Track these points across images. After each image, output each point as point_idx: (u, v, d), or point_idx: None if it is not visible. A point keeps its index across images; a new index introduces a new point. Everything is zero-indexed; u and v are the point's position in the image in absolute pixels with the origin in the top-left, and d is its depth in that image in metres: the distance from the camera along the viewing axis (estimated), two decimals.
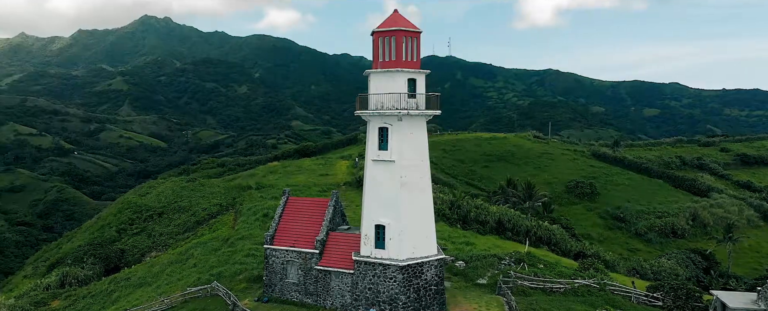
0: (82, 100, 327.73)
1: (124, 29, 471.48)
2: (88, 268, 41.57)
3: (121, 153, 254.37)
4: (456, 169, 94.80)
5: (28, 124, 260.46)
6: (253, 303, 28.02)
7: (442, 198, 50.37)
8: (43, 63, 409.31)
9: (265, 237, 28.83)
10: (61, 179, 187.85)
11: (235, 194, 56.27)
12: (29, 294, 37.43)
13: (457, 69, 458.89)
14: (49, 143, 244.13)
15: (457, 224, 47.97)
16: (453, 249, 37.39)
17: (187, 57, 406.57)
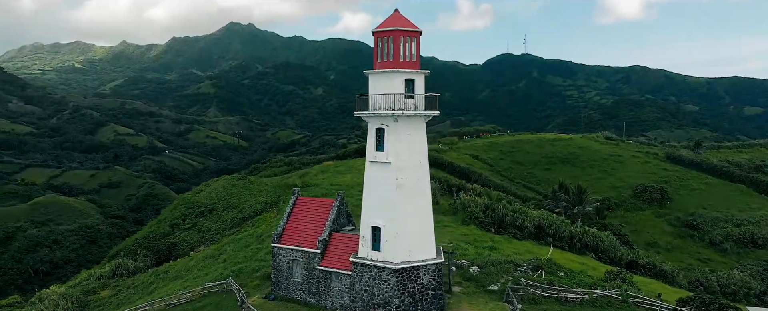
0: (174, 102, 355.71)
1: (212, 36, 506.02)
2: (140, 260, 45.40)
3: (206, 152, 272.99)
4: (513, 171, 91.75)
5: (127, 125, 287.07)
6: (260, 301, 29.11)
7: (476, 201, 49.05)
8: (142, 69, 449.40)
9: (273, 235, 29.86)
10: (152, 176, 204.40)
11: (280, 192, 58.55)
12: (82, 283, 41.69)
13: (534, 67, 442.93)
14: (144, 143, 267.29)
15: (491, 229, 46.50)
16: (473, 254, 36.36)
17: (268, 61, 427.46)
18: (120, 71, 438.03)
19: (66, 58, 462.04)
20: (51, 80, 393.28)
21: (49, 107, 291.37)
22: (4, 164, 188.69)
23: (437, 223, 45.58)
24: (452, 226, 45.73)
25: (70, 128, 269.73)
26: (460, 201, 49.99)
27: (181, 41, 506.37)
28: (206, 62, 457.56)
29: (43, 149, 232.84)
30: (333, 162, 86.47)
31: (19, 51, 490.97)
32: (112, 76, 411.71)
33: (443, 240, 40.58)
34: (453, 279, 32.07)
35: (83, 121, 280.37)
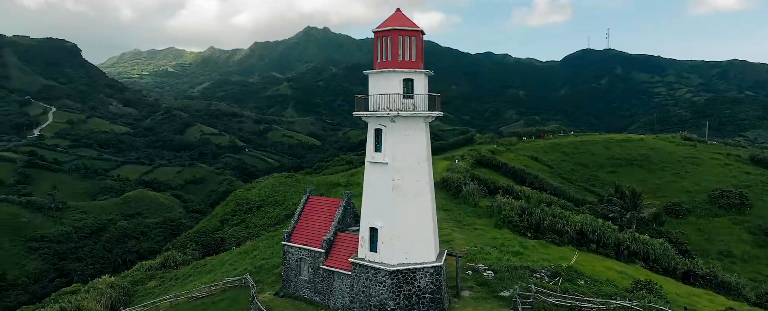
0: (255, 103, 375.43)
1: (291, 40, 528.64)
2: (189, 253, 48.60)
3: (283, 150, 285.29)
4: (575, 174, 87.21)
5: (211, 125, 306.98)
6: (270, 297, 30.17)
7: (512, 204, 47.22)
8: (227, 72, 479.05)
9: (284, 234, 30.81)
10: (232, 173, 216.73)
11: (324, 190, 60.01)
12: (133, 274, 45.40)
13: (617, 63, 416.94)
14: (227, 142, 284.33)
15: (526, 233, 44.56)
16: (494, 258, 35.13)
17: (341, 63, 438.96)
18: (207, 75, 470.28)
19: (161, 63, 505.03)
20: (147, 83, 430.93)
21: (144, 108, 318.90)
22: (104, 161, 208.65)
23: (468, 225, 44.90)
24: (484, 229, 44.51)
25: (161, 128, 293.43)
26: (496, 204, 48.45)
27: (263, 46, 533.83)
28: (285, 65, 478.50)
29: (138, 147, 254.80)
30: None
31: (120, 57, 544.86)
32: (200, 79, 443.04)
33: (470, 243, 39.72)
34: (464, 283, 31.32)
35: (173, 121, 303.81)
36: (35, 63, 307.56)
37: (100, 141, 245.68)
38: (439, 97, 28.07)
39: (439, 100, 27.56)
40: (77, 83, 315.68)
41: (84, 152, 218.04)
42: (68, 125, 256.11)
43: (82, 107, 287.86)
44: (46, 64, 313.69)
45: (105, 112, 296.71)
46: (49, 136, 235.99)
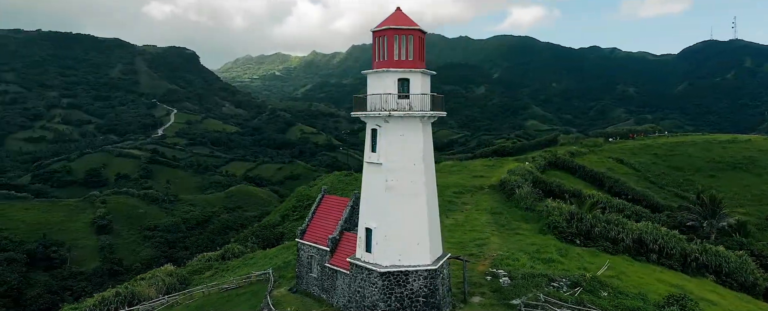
0: (350, 104, 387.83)
1: None
2: (248, 246, 51.88)
3: None
4: (666, 178, 79.17)
5: (311, 124, 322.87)
6: (284, 292, 31.39)
7: (561, 209, 44.05)
8: (327, 74, 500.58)
9: (298, 231, 31.85)
10: (326, 170, 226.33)
11: None
12: (193, 264, 49.46)
13: (746, 55, 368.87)
14: (324, 140, 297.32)
15: (575, 240, 41.35)
16: (520, 264, 33.17)
17: (434, 63, 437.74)
18: (310, 77, 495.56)
19: (269, 68, 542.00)
20: (257, 86, 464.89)
21: (252, 109, 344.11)
22: (215, 158, 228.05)
23: (511, 229, 42.87)
24: (526, 234, 42.25)
25: (267, 127, 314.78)
26: (545, 209, 45.64)
27: (359, 48, 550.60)
28: None
29: (245, 145, 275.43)
30: (452, 162, 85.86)
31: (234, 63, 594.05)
32: (303, 81, 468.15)
33: (504, 247, 37.99)
34: (477, 289, 30.17)
35: (277, 121, 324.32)
36: (161, 69, 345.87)
37: (212, 140, 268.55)
38: (442, 97, 27.41)
39: (440, 100, 26.88)
40: (195, 87, 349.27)
41: (198, 150, 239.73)
42: (186, 125, 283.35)
43: (199, 108, 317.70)
44: (169, 70, 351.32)
45: (218, 113, 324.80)
46: (170, 135, 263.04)
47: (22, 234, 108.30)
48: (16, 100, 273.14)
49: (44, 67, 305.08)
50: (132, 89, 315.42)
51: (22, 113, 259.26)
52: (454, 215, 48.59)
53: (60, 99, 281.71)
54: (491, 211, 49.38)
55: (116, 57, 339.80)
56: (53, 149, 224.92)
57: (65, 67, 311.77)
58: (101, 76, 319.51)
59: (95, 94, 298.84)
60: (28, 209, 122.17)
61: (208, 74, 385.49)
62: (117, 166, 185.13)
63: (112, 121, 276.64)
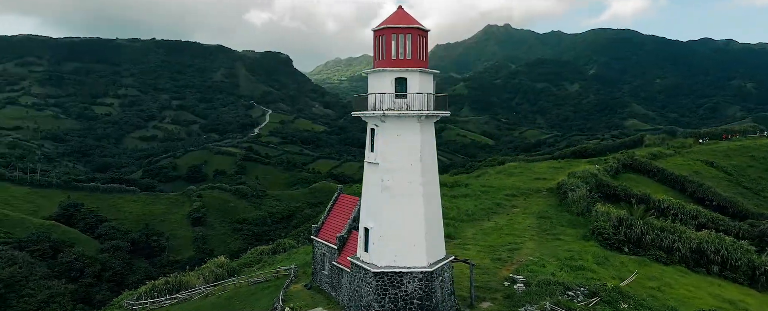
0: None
1: (470, 40, 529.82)
2: (300, 241, 53.81)
3: (455, 149, 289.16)
4: (762, 183, 69.91)
5: None
6: (300, 288, 32.30)
7: (609, 214, 40.54)
8: None
9: (313, 228, 32.62)
10: None
11: None
12: (246, 257, 52.21)
13: None
14: None
15: (622, 248, 37.94)
16: (545, 271, 31.20)
17: (522, 60, 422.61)
18: None
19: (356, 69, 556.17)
20: (345, 87, 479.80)
21: (339, 109, 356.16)
22: (303, 156, 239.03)
23: (553, 234, 40.63)
24: (567, 240, 39.68)
25: (352, 127, 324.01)
26: (594, 213, 42.44)
27: (443, 48, 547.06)
28: (464, 65, 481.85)
29: (332, 144, 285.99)
30: (516, 163, 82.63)
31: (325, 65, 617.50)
32: None
33: (536, 253, 36.12)
34: (488, 294, 29.03)
35: (361, 121, 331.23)
36: (258, 73, 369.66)
37: (302, 138, 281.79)
38: (444, 97, 26.73)
39: (443, 100, 26.25)
40: (289, 89, 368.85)
41: (289, 148, 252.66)
42: (280, 125, 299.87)
43: (291, 109, 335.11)
44: (266, 73, 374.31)
45: (309, 113, 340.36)
46: (264, 134, 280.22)
47: (128, 224, 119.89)
48: (133, 102, 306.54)
49: (158, 72, 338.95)
50: (232, 92, 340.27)
51: (138, 114, 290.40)
52: (496, 218, 46.97)
53: (170, 101, 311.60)
54: (539, 215, 47.04)
55: (219, 62, 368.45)
56: (163, 147, 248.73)
57: (175, 72, 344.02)
58: (206, 79, 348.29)
59: (200, 96, 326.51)
60: (135, 202, 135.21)
61: (300, 77, 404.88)
62: (216, 163, 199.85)
63: (214, 121, 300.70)
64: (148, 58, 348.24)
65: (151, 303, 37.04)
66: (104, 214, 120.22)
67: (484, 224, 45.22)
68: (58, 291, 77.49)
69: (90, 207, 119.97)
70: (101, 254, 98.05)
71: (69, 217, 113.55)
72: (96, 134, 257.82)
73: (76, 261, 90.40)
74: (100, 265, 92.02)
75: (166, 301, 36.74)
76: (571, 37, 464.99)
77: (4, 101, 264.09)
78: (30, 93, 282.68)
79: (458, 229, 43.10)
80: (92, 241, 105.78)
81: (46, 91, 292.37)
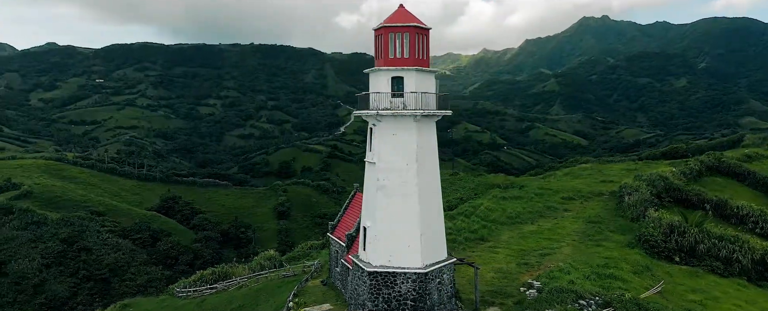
0: (521, 101, 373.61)
1: (564, 34, 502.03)
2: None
3: (543, 149, 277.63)
4: None
5: (476, 123, 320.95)
6: (316, 284, 33.10)
7: (661, 221, 36.57)
8: (497, 72, 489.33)
9: (330, 226, 33.24)
10: (486, 169, 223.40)
11: (479, 189, 58.22)
12: (296, 251, 53.84)
13: None
14: (487, 139, 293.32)
15: (673, 257, 34.15)
16: (565, 278, 29.09)
17: (621, 53, 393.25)
18: (479, 75, 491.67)
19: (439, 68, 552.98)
20: None
21: None
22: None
23: (594, 239, 38.04)
24: (609, 246, 36.73)
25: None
26: (646, 219, 38.72)
27: (533, 43, 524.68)
28: (556, 61, 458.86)
29: None
30: (590, 165, 77.56)
31: None
32: (473, 80, 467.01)
33: (569, 258, 33.96)
34: (499, 299, 27.91)
35: (442, 120, 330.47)
36: (344, 74, 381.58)
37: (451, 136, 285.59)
38: (444, 96, 26.15)
39: (443, 99, 25.77)
40: None
41: None
42: (362, 123, 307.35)
43: None
44: (351, 74, 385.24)
45: None
46: (349, 133, 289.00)
47: (219, 216, 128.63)
48: (233, 103, 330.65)
49: (255, 74, 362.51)
50: (321, 92, 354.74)
51: (237, 114, 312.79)
52: (541, 222, 44.68)
53: (266, 102, 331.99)
54: (589, 220, 44.01)
55: (310, 64, 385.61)
56: (258, 145, 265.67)
57: (271, 74, 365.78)
58: (298, 81, 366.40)
59: (293, 97, 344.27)
60: (228, 195, 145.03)
61: None
62: (303, 159, 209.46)
63: (305, 120, 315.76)
64: (247, 62, 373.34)
65: (194, 291, 40.07)
66: (199, 206, 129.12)
67: (526, 227, 43.27)
68: (155, 277, 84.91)
69: (186, 200, 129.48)
70: (194, 244, 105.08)
71: (168, 209, 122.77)
72: (200, 132, 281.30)
73: (171, 249, 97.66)
74: (192, 254, 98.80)
75: (207, 290, 39.58)
76: (678, 28, 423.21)
77: (124, 103, 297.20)
78: (145, 95, 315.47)
79: (494, 232, 41.69)
80: (187, 231, 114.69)
81: (158, 93, 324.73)
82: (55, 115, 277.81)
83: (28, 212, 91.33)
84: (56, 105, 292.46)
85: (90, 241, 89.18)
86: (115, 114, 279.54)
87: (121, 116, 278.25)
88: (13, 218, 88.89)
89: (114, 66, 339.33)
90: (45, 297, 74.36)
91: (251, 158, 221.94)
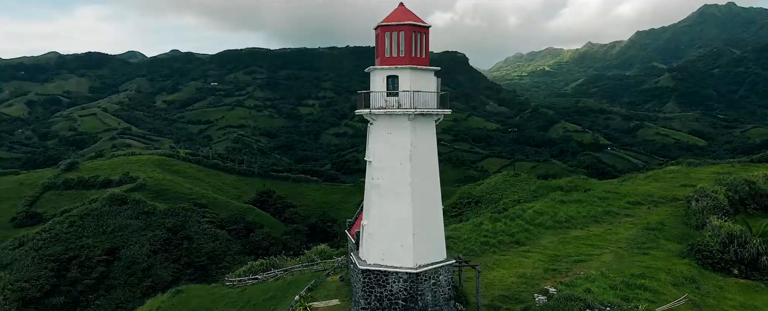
0: (630, 98, 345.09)
1: (681, 24, 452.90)
2: None
3: (653, 150, 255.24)
4: None
5: (576, 122, 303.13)
6: (336, 279, 33.78)
7: (720, 230, 31.88)
8: (603, 67, 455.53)
9: (347, 223, 33.74)
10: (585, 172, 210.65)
11: (540, 192, 55.06)
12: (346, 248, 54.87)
13: None
14: (589, 139, 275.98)
15: (731, 269, 29.73)
16: (583, 286, 26.73)
17: (749, 44, 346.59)
18: (583, 71, 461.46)
19: (538, 64, 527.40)
20: (525, 84, 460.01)
21: (514, 107, 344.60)
22: (472, 154, 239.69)
23: (644, 249, 35.03)
24: (657, 255, 33.17)
25: (528, 125, 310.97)
26: (706, 228, 34.27)
27: (645, 34, 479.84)
28: (671, 53, 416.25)
29: (504, 142, 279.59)
30: (679, 167, 70.19)
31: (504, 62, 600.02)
32: (576, 76, 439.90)
33: (603, 267, 31.63)
34: (507, 304, 26.75)
35: (539, 119, 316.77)
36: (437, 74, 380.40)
37: (474, 136, 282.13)
38: (444, 94, 25.56)
39: (442, 98, 25.27)
40: (464, 87, 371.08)
41: (459, 146, 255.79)
42: (453, 123, 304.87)
43: (465, 107, 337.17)
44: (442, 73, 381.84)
45: (482, 111, 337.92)
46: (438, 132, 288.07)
47: (308, 210, 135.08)
48: (330, 103, 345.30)
49: (350, 76, 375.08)
50: None
51: (333, 114, 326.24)
52: (592, 227, 41.59)
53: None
54: (648, 226, 40.15)
55: None
56: (351, 143, 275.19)
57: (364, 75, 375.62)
58: None
59: None
60: (318, 191, 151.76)
61: (475, 74, 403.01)
62: None
63: None
64: (342, 64, 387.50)
65: (238, 281, 43.01)
66: (291, 200, 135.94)
67: (572, 232, 40.56)
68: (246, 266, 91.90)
69: (280, 194, 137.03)
70: (284, 236, 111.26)
71: (263, 202, 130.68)
72: (300, 130, 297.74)
73: (263, 240, 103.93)
74: (282, 246, 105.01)
75: (249, 280, 42.29)
76: None
77: (234, 104, 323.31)
78: (253, 97, 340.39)
79: (535, 236, 39.62)
80: (279, 224, 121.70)
81: (264, 94, 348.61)
82: (175, 115, 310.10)
83: (139, 203, 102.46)
84: (177, 106, 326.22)
85: (192, 230, 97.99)
86: (226, 114, 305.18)
87: (231, 116, 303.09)
88: (127, 208, 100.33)
89: (226, 70, 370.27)
90: (151, 280, 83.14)
91: (343, 156, 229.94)
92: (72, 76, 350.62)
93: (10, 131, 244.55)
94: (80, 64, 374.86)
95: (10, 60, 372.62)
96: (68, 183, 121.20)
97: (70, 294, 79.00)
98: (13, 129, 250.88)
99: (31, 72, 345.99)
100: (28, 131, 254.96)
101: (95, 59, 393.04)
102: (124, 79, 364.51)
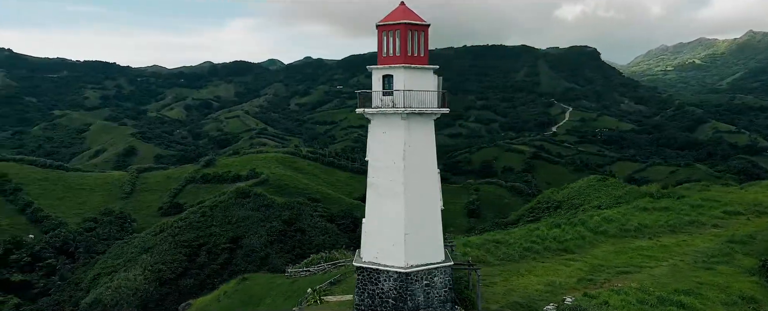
0: None
1: None
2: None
3: None
4: None
5: (730, 121, 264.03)
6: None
7: None
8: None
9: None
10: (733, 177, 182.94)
11: (627, 197, 49.35)
12: None
13: None
14: (745, 141, 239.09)
15: None
16: (610, 300, 23.73)
17: None
18: (742, 64, 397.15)
19: (687, 57, 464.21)
20: (670, 79, 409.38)
21: (654, 105, 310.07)
22: (600, 157, 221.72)
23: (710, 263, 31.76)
24: (725, 271, 28.43)
25: (669, 125, 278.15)
26: None
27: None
28: None
29: (640, 144, 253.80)
30: None
31: (646, 55, 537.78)
32: (733, 69, 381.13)
33: (647, 281, 28.16)
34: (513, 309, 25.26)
35: (684, 118, 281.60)
36: (560, 69, 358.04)
37: (604, 138, 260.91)
38: (444, 93, 25.06)
39: (442, 97, 24.72)
40: (594, 85, 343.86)
41: (585, 148, 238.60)
42: (580, 123, 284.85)
43: (595, 105, 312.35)
44: (569, 69, 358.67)
45: (615, 110, 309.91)
46: (560, 133, 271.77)
47: None
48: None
49: (466, 76, 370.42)
50: (533, 90, 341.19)
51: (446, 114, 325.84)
52: (663, 238, 36.84)
53: (475, 101, 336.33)
54: (732, 239, 34.53)
55: (522, 62, 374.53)
56: (465, 143, 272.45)
57: (481, 74, 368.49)
58: (508, 79, 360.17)
59: (502, 96, 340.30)
60: None
61: (608, 70, 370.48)
62: (505, 159, 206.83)
63: (514, 119, 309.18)
64: (458, 64, 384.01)
65: (294, 274, 45.82)
66: None
67: (636, 242, 36.33)
68: (349, 260, 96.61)
69: None
70: None
71: None
72: None
73: None
74: None
75: (303, 272, 44.84)
76: None
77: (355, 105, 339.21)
78: None
79: (590, 244, 36.25)
80: None
81: None
82: (306, 116, 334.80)
83: (260, 197, 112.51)
84: (307, 108, 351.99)
85: (305, 223, 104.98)
86: (348, 115, 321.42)
87: (352, 117, 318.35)
88: (250, 201, 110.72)
89: (350, 74, 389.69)
90: (267, 269, 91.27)
91: (455, 157, 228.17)
92: (222, 82, 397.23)
93: (170, 131, 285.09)
94: (229, 72, 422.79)
95: (173, 69, 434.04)
96: (206, 177, 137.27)
97: (198, 276, 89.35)
98: (173, 130, 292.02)
99: (189, 80, 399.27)
100: (184, 132, 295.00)
101: (241, 67, 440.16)
102: (264, 84, 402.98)
